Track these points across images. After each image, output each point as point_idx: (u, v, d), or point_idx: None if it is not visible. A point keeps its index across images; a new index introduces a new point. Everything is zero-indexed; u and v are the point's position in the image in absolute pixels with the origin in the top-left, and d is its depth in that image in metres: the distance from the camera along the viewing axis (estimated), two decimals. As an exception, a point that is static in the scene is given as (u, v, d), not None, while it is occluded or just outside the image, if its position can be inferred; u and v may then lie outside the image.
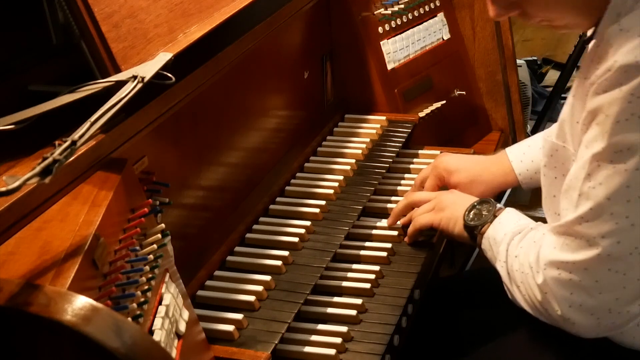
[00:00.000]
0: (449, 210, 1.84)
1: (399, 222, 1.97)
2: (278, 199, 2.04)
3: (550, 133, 1.64)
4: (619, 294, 1.46)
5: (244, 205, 1.94)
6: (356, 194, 2.08)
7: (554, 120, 1.82)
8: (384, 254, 1.88)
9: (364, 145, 2.27)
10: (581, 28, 1.65)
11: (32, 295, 1.06)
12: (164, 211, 1.53)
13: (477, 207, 1.78)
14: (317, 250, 1.85)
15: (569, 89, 4.59)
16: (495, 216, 1.73)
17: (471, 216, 1.78)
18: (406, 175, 2.22)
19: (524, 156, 1.99)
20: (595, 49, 1.46)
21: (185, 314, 1.38)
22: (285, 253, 1.82)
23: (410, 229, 1.92)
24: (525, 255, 1.58)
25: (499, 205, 1.77)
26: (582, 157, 1.46)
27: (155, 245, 1.33)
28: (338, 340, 1.60)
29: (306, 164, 2.19)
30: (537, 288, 1.54)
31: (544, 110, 3.66)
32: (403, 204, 1.96)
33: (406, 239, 1.93)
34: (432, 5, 2.54)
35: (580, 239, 1.46)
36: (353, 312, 1.69)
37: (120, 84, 1.33)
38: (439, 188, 2.01)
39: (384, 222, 1.99)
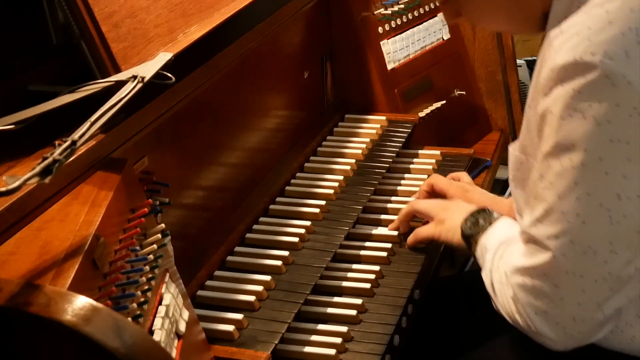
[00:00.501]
0: (448, 222, 1.83)
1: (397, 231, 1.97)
2: (278, 199, 2.04)
3: (515, 146, 1.62)
4: (579, 298, 1.43)
5: (244, 205, 1.94)
6: (356, 194, 2.08)
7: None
8: (384, 254, 1.88)
9: (364, 145, 2.27)
10: (530, 33, 1.67)
11: (32, 295, 1.06)
12: (164, 211, 1.53)
13: (475, 215, 1.77)
14: (317, 250, 1.85)
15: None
16: (491, 224, 1.72)
17: (468, 225, 1.76)
18: (406, 175, 2.22)
19: None
20: (542, 53, 1.47)
21: (185, 314, 1.38)
22: (285, 253, 1.82)
23: (410, 239, 1.91)
24: (502, 268, 1.57)
25: (496, 214, 1.75)
26: (537, 160, 1.45)
27: (155, 245, 1.33)
28: (338, 340, 1.60)
29: (306, 164, 2.19)
30: (510, 299, 1.53)
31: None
32: (407, 211, 1.95)
33: (406, 245, 1.93)
34: (432, 5, 2.54)
35: (536, 243, 1.44)
36: (353, 312, 1.68)
37: (120, 84, 1.33)
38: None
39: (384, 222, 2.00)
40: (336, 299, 1.74)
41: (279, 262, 1.78)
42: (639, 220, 1.38)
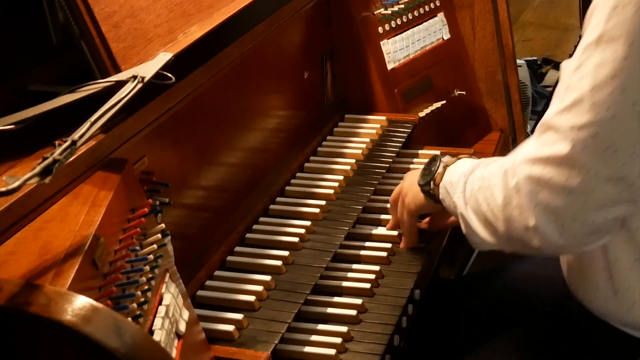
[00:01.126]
0: (409, 191, 1.83)
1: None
2: (278, 199, 2.04)
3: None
4: (586, 196, 1.40)
5: (244, 205, 1.94)
6: (356, 194, 2.08)
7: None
8: (384, 254, 1.88)
9: (364, 145, 2.27)
10: None
11: (32, 295, 1.06)
12: (164, 211, 1.53)
13: (425, 168, 1.77)
14: (317, 250, 1.85)
15: (569, 89, 4.51)
16: (447, 165, 1.71)
17: (422, 177, 1.77)
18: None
19: None
20: None
21: (185, 314, 1.38)
22: (285, 253, 1.82)
23: (404, 236, 1.90)
24: (493, 170, 1.53)
25: (449, 157, 1.74)
26: (576, 54, 1.42)
27: (155, 245, 1.33)
28: (338, 340, 1.60)
29: (306, 164, 2.19)
30: (502, 195, 1.48)
31: (544, 110, 3.65)
32: (391, 210, 1.95)
33: (402, 245, 1.92)
34: (432, 5, 2.54)
35: (558, 132, 1.40)
36: (353, 312, 1.69)
37: (120, 84, 1.33)
38: None
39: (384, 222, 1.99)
40: (336, 299, 1.74)
41: (279, 262, 1.79)
42: None
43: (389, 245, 1.91)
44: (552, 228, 1.43)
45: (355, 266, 1.85)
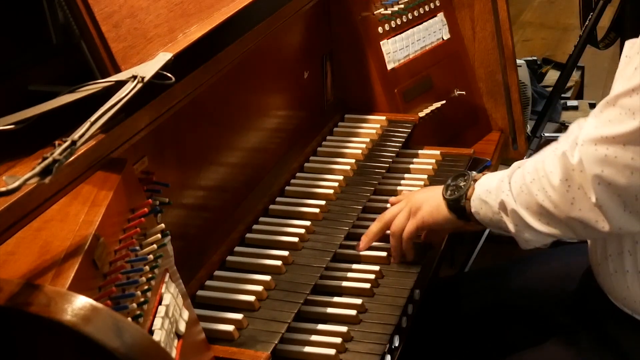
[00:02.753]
0: (426, 205, 1.80)
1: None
2: (278, 199, 2.04)
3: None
4: None
5: (244, 205, 1.94)
6: (356, 194, 2.08)
7: (554, 120, 1.82)
8: (384, 253, 1.88)
9: (364, 145, 2.27)
10: None
11: (32, 295, 1.06)
12: (164, 211, 1.53)
13: (452, 183, 1.76)
14: (317, 250, 1.85)
15: (569, 89, 4.61)
16: (475, 180, 1.71)
17: (450, 193, 1.75)
18: (406, 175, 2.22)
19: None
20: None
21: (185, 314, 1.38)
22: (285, 253, 1.82)
23: (404, 248, 1.85)
24: (546, 160, 1.53)
25: (474, 173, 1.75)
26: None
27: (155, 245, 1.33)
28: (338, 340, 1.60)
29: (306, 164, 2.19)
30: (560, 180, 1.48)
31: (544, 110, 3.65)
32: (378, 226, 1.88)
33: (394, 259, 1.86)
34: (432, 5, 2.54)
35: (625, 112, 1.41)
36: (353, 312, 1.69)
37: (120, 84, 1.33)
38: None
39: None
40: (336, 299, 1.74)
41: (279, 262, 1.79)
42: None
43: (389, 245, 1.90)
44: (615, 205, 1.45)
45: (355, 266, 1.85)
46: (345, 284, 1.79)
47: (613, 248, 1.58)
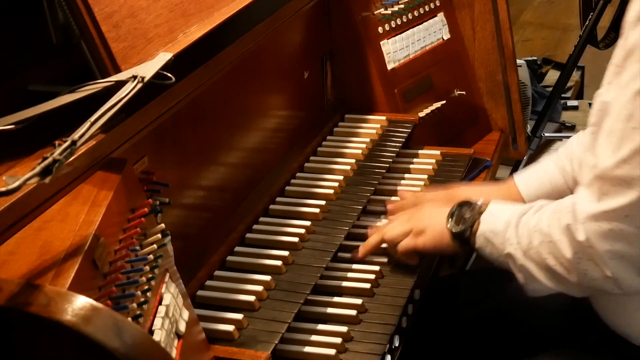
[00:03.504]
0: (430, 230, 1.77)
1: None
2: (278, 199, 2.04)
3: (600, 91, 1.58)
4: None
5: (244, 205, 1.94)
6: (356, 194, 2.08)
7: (554, 120, 1.82)
8: (384, 259, 1.87)
9: (364, 145, 2.27)
10: None
11: (32, 295, 1.06)
12: (164, 211, 1.53)
13: (456, 212, 1.72)
14: (317, 250, 1.85)
15: (569, 89, 4.61)
16: (480, 213, 1.68)
17: (454, 223, 1.72)
18: (406, 175, 2.22)
19: (531, 181, 1.92)
20: None
21: (185, 314, 1.38)
22: (285, 253, 1.82)
23: (397, 257, 1.83)
24: (552, 223, 1.52)
25: (479, 202, 1.71)
26: (620, 99, 1.41)
27: (155, 245, 1.33)
28: (338, 340, 1.60)
29: (306, 164, 2.19)
30: (571, 251, 1.48)
31: (544, 110, 3.66)
32: (377, 240, 1.85)
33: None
34: (432, 5, 2.54)
35: (620, 184, 1.41)
36: (353, 312, 1.69)
37: (120, 84, 1.33)
38: None
39: (384, 222, 1.99)
40: (336, 299, 1.74)
41: (279, 262, 1.78)
42: None
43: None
44: (631, 274, 1.45)
45: (355, 266, 1.85)
46: (345, 284, 1.79)
47: None
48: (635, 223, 1.41)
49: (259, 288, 1.70)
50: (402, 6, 2.45)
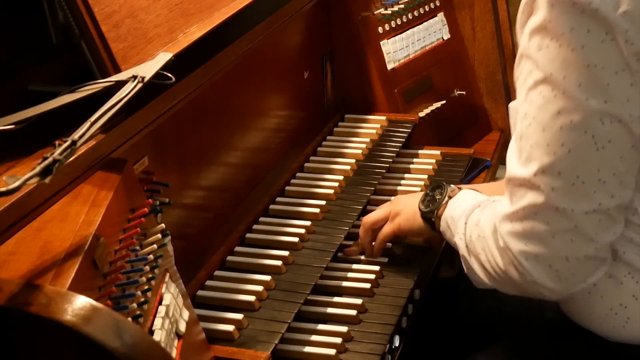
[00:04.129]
0: (405, 211, 1.82)
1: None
2: (278, 199, 2.04)
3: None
4: (571, 234, 1.41)
5: (244, 205, 1.94)
6: (356, 194, 2.08)
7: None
8: (385, 259, 1.87)
9: (364, 145, 2.27)
10: None
11: (32, 295, 1.06)
12: (164, 211, 1.53)
13: (430, 194, 1.77)
14: (317, 250, 1.85)
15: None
16: (450, 197, 1.72)
17: (425, 204, 1.77)
18: (406, 175, 2.22)
19: None
20: None
21: (185, 314, 1.38)
22: (285, 253, 1.82)
23: (375, 246, 1.88)
24: (486, 221, 1.54)
25: (452, 187, 1.75)
26: (519, 101, 1.44)
27: (155, 245, 1.33)
28: (338, 340, 1.60)
29: (306, 164, 2.19)
30: (497, 251, 1.49)
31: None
32: (362, 231, 1.89)
33: (372, 255, 1.88)
34: (432, 5, 2.54)
35: (524, 184, 1.42)
36: (353, 312, 1.69)
37: (120, 84, 1.33)
38: None
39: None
40: (336, 299, 1.74)
41: (279, 262, 1.78)
42: (623, 144, 1.37)
43: (389, 245, 1.90)
44: (550, 275, 1.45)
45: (355, 266, 1.85)
46: (345, 284, 1.79)
47: None
48: (544, 219, 1.41)
49: (259, 288, 1.70)
50: (402, 6, 2.45)
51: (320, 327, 1.66)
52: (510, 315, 1.81)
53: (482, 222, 1.55)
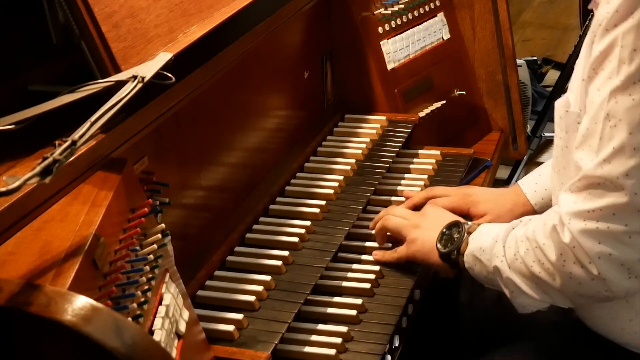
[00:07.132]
0: (420, 241, 1.78)
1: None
2: (278, 199, 2.04)
3: (562, 102, 1.61)
4: None
5: (244, 205, 1.94)
6: (356, 194, 2.08)
7: (554, 120, 1.82)
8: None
9: (364, 145, 2.27)
10: None
11: (32, 295, 1.06)
12: (164, 211, 1.53)
13: (447, 233, 1.74)
14: (317, 250, 1.85)
15: (569, 89, 4.54)
16: (469, 233, 1.69)
17: (443, 243, 1.73)
18: (406, 175, 2.22)
19: (537, 186, 1.94)
20: None
21: (185, 314, 1.38)
22: (285, 253, 1.82)
23: (385, 258, 1.85)
24: (536, 230, 1.52)
25: (469, 223, 1.73)
26: (595, 101, 1.42)
27: (155, 245, 1.33)
28: (338, 340, 1.60)
29: (306, 164, 2.19)
30: (555, 255, 1.48)
31: (544, 110, 3.66)
32: (378, 227, 1.89)
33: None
34: (432, 5, 2.54)
35: (604, 184, 1.41)
36: (353, 312, 1.69)
37: (120, 84, 1.33)
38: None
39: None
40: (336, 299, 1.74)
41: (279, 262, 1.79)
42: None
43: (389, 245, 1.90)
44: (619, 274, 1.44)
45: (355, 266, 1.85)
46: (345, 284, 1.79)
47: None
48: (623, 221, 1.41)
49: (259, 288, 1.70)
50: (402, 6, 2.45)
51: (320, 327, 1.66)
52: (510, 315, 1.81)
53: (531, 234, 1.54)
